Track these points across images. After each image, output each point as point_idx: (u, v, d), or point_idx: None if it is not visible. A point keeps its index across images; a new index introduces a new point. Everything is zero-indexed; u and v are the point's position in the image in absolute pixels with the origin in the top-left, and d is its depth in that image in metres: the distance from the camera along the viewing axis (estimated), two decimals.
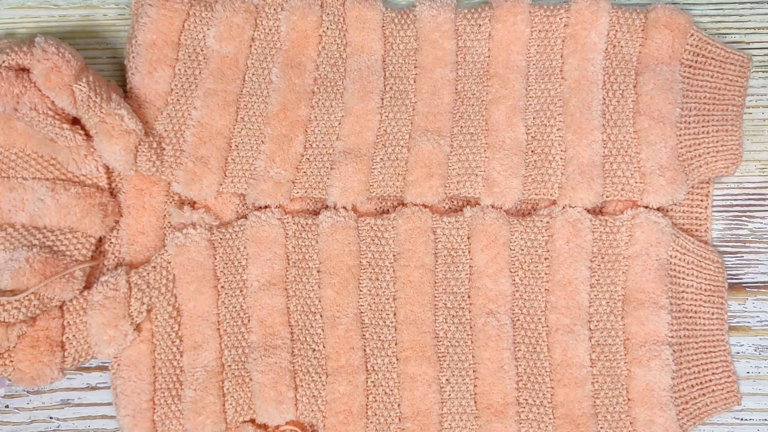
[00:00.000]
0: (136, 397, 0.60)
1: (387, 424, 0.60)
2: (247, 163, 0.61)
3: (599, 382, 0.60)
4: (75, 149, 0.58)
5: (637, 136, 0.61)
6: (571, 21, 0.62)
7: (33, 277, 0.57)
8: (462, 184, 0.61)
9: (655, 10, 0.61)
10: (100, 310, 0.58)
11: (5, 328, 0.57)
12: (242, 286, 0.61)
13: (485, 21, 0.62)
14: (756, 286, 0.62)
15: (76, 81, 0.57)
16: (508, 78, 0.62)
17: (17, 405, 0.62)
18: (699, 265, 0.61)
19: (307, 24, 0.63)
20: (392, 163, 0.61)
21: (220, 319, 0.61)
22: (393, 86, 0.63)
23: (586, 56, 0.61)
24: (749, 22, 0.65)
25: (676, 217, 0.62)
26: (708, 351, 0.61)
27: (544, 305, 0.60)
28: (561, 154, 0.61)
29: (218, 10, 0.62)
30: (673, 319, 0.60)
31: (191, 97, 0.62)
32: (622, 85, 0.61)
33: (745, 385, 0.61)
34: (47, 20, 0.65)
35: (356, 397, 0.60)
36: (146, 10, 0.61)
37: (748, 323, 0.62)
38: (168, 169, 0.60)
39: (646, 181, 0.60)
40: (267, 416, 0.59)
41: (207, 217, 0.61)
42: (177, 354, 0.60)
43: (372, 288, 0.61)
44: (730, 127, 0.62)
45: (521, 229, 0.61)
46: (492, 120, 0.61)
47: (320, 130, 0.62)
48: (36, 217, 0.59)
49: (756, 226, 0.63)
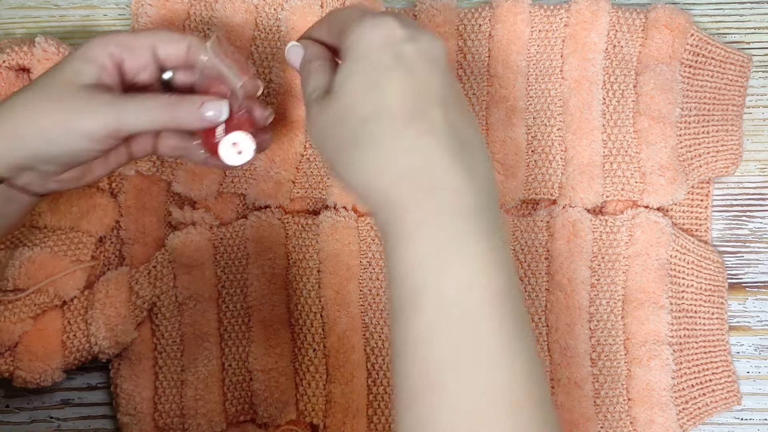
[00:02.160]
0: (136, 396, 0.60)
1: (387, 423, 0.60)
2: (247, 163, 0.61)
3: (599, 382, 0.60)
4: None
5: (637, 136, 0.61)
6: (571, 21, 0.62)
7: (34, 277, 0.57)
8: None
9: (655, 10, 0.61)
10: (100, 310, 0.58)
11: (7, 328, 0.57)
12: (243, 286, 0.61)
13: (485, 21, 0.62)
14: (756, 286, 0.63)
15: None
16: (508, 78, 0.62)
17: (17, 405, 0.62)
18: (699, 265, 0.61)
19: (307, 24, 0.62)
20: None
21: (221, 318, 0.61)
22: None
23: (586, 56, 0.61)
24: (749, 22, 0.65)
25: (676, 217, 0.62)
26: (708, 351, 0.61)
27: (544, 305, 0.60)
28: (561, 154, 0.61)
29: (218, 10, 0.62)
30: (673, 319, 0.60)
31: None
32: (622, 85, 0.61)
33: (745, 385, 0.61)
34: (47, 20, 0.65)
35: (356, 397, 0.60)
36: (146, 10, 0.61)
37: (748, 323, 0.62)
38: (168, 169, 0.60)
39: (646, 181, 0.60)
40: (267, 416, 0.59)
41: (207, 217, 0.61)
42: (177, 353, 0.60)
43: (372, 288, 0.61)
44: (730, 127, 0.62)
45: (521, 229, 0.61)
46: (492, 120, 0.61)
47: None
48: (36, 217, 0.59)
49: (756, 226, 0.63)
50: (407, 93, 0.40)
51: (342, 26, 0.45)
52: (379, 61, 0.41)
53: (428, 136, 0.40)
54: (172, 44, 0.51)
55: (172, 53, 0.51)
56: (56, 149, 0.47)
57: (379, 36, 0.42)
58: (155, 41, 0.51)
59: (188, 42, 0.51)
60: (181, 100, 0.49)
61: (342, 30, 0.44)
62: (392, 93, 0.40)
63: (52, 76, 0.48)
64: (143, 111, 0.48)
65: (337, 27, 0.46)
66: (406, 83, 0.41)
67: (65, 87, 0.48)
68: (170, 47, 0.51)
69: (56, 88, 0.48)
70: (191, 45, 0.51)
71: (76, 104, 0.47)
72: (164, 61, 0.52)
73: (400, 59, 0.41)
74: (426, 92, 0.41)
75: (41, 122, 0.47)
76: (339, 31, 0.45)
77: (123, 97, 0.48)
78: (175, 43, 0.51)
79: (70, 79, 0.48)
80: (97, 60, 0.49)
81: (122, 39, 0.50)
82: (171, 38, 0.51)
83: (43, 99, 0.47)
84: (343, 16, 0.47)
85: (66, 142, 0.47)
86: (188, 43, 0.51)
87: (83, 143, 0.47)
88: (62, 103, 0.47)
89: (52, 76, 0.49)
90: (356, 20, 0.43)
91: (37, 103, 0.47)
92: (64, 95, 0.47)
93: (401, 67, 0.41)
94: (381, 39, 0.42)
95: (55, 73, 0.49)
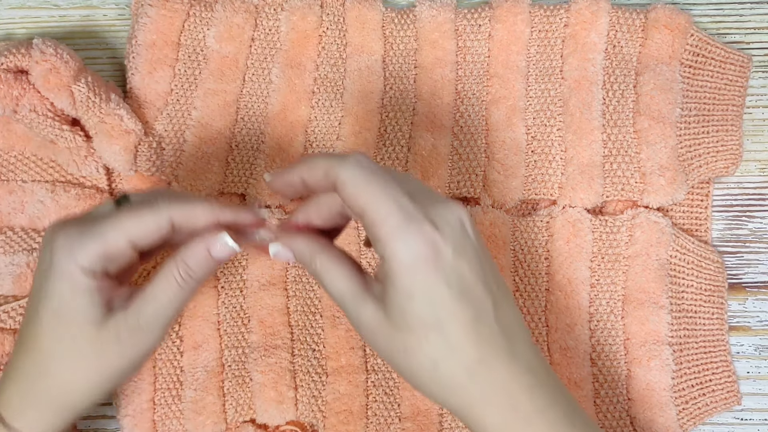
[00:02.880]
0: (136, 397, 0.60)
1: (387, 424, 0.60)
2: (247, 163, 0.61)
3: (599, 382, 0.60)
4: (75, 150, 0.58)
5: (637, 136, 0.61)
6: (571, 21, 0.62)
7: None
8: (462, 184, 0.61)
9: (655, 10, 0.61)
10: None
11: (12, 335, 0.57)
12: (242, 286, 0.61)
13: (485, 21, 0.62)
14: (756, 286, 0.62)
15: (74, 82, 0.57)
16: (508, 78, 0.62)
17: None
18: (699, 265, 0.61)
19: (307, 24, 0.63)
20: (392, 163, 0.61)
21: (221, 319, 0.61)
22: (393, 86, 0.63)
23: (586, 56, 0.61)
24: (749, 22, 0.64)
25: (676, 217, 0.62)
26: (708, 351, 0.61)
27: (544, 305, 0.60)
28: (561, 154, 0.61)
29: (218, 11, 0.62)
30: (673, 319, 0.60)
31: (191, 97, 0.62)
32: (622, 85, 0.61)
33: (745, 385, 0.61)
34: (47, 20, 0.65)
35: (356, 397, 0.60)
36: (146, 10, 0.61)
37: (748, 323, 0.62)
38: (168, 169, 0.60)
39: (646, 181, 0.60)
40: (267, 416, 0.59)
41: None
42: (177, 354, 0.60)
43: None
44: (730, 127, 0.62)
45: (521, 229, 0.61)
46: (492, 120, 0.61)
47: (320, 130, 0.62)
48: (36, 219, 0.59)
49: (756, 226, 0.63)
50: (469, 323, 0.42)
51: (333, 174, 0.42)
52: (434, 291, 0.41)
53: (495, 360, 0.42)
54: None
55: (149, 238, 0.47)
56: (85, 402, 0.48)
57: (420, 253, 0.41)
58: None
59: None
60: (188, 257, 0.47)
61: (336, 179, 0.42)
62: (457, 332, 0.41)
63: (58, 316, 0.46)
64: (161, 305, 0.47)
65: (327, 179, 0.43)
66: (468, 312, 0.41)
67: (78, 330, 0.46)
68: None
69: (70, 335, 0.46)
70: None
71: (95, 349, 0.46)
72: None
73: (453, 286, 0.41)
74: (483, 310, 0.42)
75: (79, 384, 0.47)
76: (325, 176, 0.43)
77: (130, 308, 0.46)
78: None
79: (77, 319, 0.46)
80: (88, 280, 0.46)
81: (102, 248, 0.45)
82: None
83: (67, 355, 0.46)
84: (336, 170, 0.43)
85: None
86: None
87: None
88: (92, 357, 0.46)
89: (58, 315, 0.46)
90: (388, 215, 0.41)
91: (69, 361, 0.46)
92: (81, 343, 0.46)
93: (458, 296, 0.41)
94: (424, 258, 0.41)
95: (62, 311, 0.46)
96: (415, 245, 0.40)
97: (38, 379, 0.47)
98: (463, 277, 0.41)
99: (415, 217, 0.41)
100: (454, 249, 0.41)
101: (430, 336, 0.41)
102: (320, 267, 0.45)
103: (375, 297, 0.43)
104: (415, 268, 0.41)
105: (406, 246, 0.40)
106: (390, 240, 0.41)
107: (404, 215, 0.41)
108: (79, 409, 0.48)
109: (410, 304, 0.41)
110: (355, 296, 0.43)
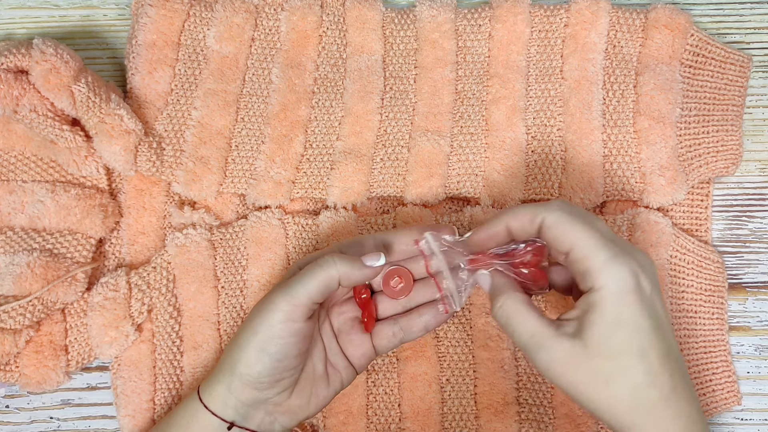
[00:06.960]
0: (136, 397, 0.60)
1: (387, 424, 0.60)
2: (247, 163, 0.61)
3: None
4: (75, 150, 0.58)
5: (637, 136, 0.61)
6: (571, 21, 0.62)
7: (35, 281, 0.57)
8: (462, 184, 0.61)
9: (655, 10, 0.61)
10: (100, 312, 0.59)
11: (12, 335, 0.57)
12: (242, 286, 0.61)
13: (485, 21, 0.62)
14: (756, 286, 0.62)
15: (74, 82, 0.57)
16: (508, 78, 0.62)
17: (17, 405, 0.62)
18: (699, 265, 0.61)
19: (307, 24, 0.63)
20: (392, 163, 0.61)
21: (221, 320, 0.61)
22: (393, 86, 0.63)
23: (586, 56, 0.61)
24: (749, 22, 0.64)
25: (676, 217, 0.62)
26: (708, 351, 0.61)
27: (544, 305, 0.60)
28: (561, 154, 0.61)
29: (218, 11, 0.62)
30: (674, 319, 0.60)
31: (191, 97, 0.62)
32: (622, 85, 0.61)
33: (745, 385, 0.61)
34: (47, 20, 0.65)
35: (356, 397, 0.60)
36: (146, 10, 0.61)
37: (748, 323, 0.62)
38: (168, 169, 0.60)
39: (646, 181, 0.60)
40: None
41: (207, 218, 0.61)
42: (177, 354, 0.60)
43: None
44: (730, 127, 0.62)
45: None
46: (492, 120, 0.61)
47: (320, 130, 0.62)
48: (36, 219, 0.59)
49: (756, 226, 0.63)
50: (664, 355, 0.45)
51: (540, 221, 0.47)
52: (639, 320, 0.44)
53: (684, 390, 0.45)
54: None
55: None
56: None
57: (628, 284, 0.44)
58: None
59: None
60: None
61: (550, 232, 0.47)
62: (656, 361, 0.44)
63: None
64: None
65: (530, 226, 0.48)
66: (663, 344, 0.45)
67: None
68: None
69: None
70: None
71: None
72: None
73: (652, 318, 0.45)
74: (672, 345, 0.46)
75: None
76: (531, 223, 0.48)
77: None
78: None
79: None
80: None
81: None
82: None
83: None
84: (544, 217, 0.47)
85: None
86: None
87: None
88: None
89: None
90: (598, 257, 0.45)
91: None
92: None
93: (655, 328, 0.45)
94: (631, 289, 0.45)
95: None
96: (625, 276, 0.44)
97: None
98: (658, 312, 0.46)
99: (623, 253, 0.45)
100: (651, 285, 0.45)
101: (633, 363, 0.44)
102: (510, 307, 0.48)
103: (567, 334, 0.46)
104: (624, 297, 0.44)
105: (617, 277, 0.44)
106: (602, 270, 0.45)
107: (614, 250, 0.45)
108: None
109: (617, 332, 0.44)
110: (546, 335, 0.46)
